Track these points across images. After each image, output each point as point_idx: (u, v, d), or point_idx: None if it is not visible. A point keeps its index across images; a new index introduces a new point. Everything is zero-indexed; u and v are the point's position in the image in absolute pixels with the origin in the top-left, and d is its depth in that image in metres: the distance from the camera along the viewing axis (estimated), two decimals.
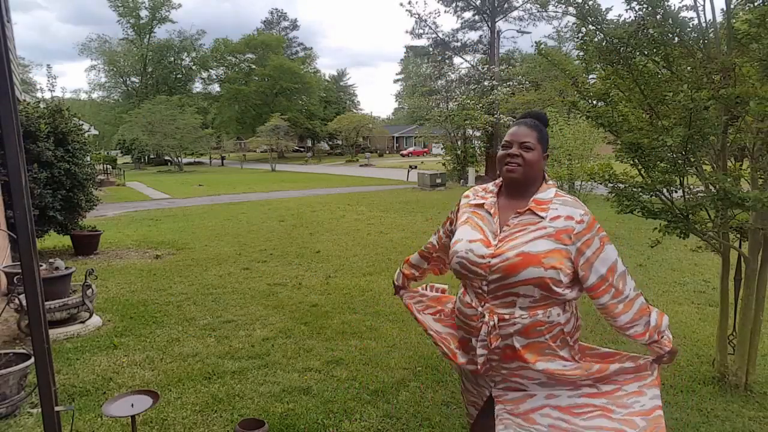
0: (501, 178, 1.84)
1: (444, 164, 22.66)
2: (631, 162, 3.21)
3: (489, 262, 1.67)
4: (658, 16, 2.90)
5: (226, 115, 53.45)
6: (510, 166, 1.74)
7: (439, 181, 18.67)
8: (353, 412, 2.97)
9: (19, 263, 1.99)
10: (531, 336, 1.67)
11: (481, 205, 1.84)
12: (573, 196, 1.80)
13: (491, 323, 1.68)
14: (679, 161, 2.96)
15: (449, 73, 24.27)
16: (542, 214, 1.69)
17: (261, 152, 51.30)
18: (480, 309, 1.72)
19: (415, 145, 57.66)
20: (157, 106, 37.90)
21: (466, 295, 1.80)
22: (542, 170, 1.78)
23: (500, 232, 1.72)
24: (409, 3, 23.81)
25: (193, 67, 56.05)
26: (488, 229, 1.76)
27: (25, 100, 8.90)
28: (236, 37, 61.15)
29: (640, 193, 3.16)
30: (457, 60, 26.82)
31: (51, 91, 40.00)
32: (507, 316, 1.67)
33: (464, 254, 1.73)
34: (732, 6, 2.89)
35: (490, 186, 1.90)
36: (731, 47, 2.86)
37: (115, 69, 51.17)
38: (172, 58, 53.78)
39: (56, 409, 1.80)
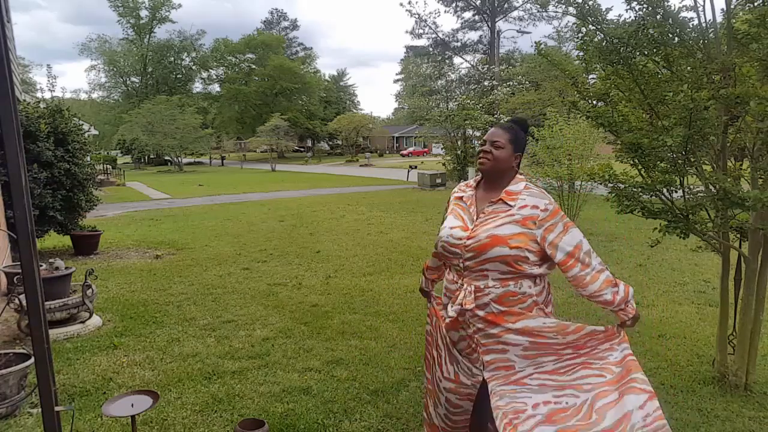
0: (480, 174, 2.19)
1: (444, 164, 22.66)
2: (631, 162, 3.21)
3: (465, 243, 2.02)
4: (658, 16, 2.90)
5: (226, 115, 53.45)
6: (481, 159, 2.11)
7: (439, 181, 18.68)
8: (353, 412, 2.97)
9: (19, 263, 1.99)
10: (505, 304, 1.98)
11: (461, 198, 2.19)
12: (541, 189, 2.12)
13: (468, 289, 2.01)
14: (679, 161, 2.96)
15: (449, 73, 24.31)
16: (511, 203, 2.02)
17: (261, 152, 51.32)
18: (460, 282, 2.06)
19: (415, 145, 57.63)
20: (157, 106, 37.90)
21: (449, 273, 2.15)
22: (513, 167, 2.11)
23: (476, 218, 2.06)
24: (409, 3, 23.91)
25: (193, 67, 56.04)
26: (467, 217, 2.10)
27: (25, 100, 8.89)
28: (236, 37, 61.25)
29: (640, 193, 3.16)
30: (457, 60, 26.89)
31: (51, 91, 39.90)
32: (482, 287, 2.00)
33: (446, 238, 2.09)
34: (732, 6, 2.89)
35: (471, 181, 2.23)
36: (731, 47, 2.86)
37: (115, 69, 51.14)
38: (172, 58, 53.76)
39: (56, 409, 1.80)
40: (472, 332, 2.04)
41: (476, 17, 28.00)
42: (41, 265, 3.41)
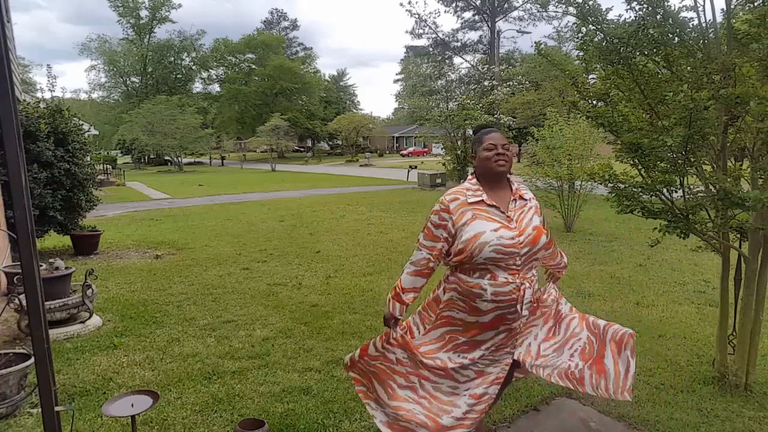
0: (475, 177, 2.25)
1: (444, 164, 22.63)
2: (631, 162, 3.20)
3: (518, 240, 2.09)
4: (658, 16, 2.90)
5: (226, 115, 53.45)
6: (501, 161, 2.18)
7: (439, 181, 18.68)
8: (353, 412, 2.97)
9: (19, 263, 1.99)
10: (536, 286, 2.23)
11: (480, 202, 2.16)
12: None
13: (527, 284, 2.12)
14: (679, 161, 2.96)
15: (449, 73, 24.31)
16: (525, 197, 2.24)
17: (261, 152, 51.32)
18: (517, 281, 2.11)
19: (415, 145, 57.64)
20: (157, 106, 37.89)
21: (497, 278, 2.10)
22: None
23: (509, 217, 2.14)
24: (409, 3, 23.93)
25: (193, 67, 56.03)
26: (498, 217, 2.13)
27: (25, 100, 8.90)
28: (236, 37, 61.28)
29: (640, 193, 3.16)
30: (457, 60, 26.91)
31: (51, 91, 39.90)
32: (532, 277, 2.17)
33: (496, 241, 2.07)
34: (732, 6, 2.89)
35: (470, 185, 2.22)
36: (731, 47, 2.86)
37: (115, 69, 51.14)
38: (172, 58, 53.74)
39: (56, 409, 1.80)
40: (523, 322, 2.19)
41: (476, 17, 28.00)
42: (41, 265, 3.41)
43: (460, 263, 2.13)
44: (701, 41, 2.96)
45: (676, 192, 3.11)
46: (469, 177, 2.28)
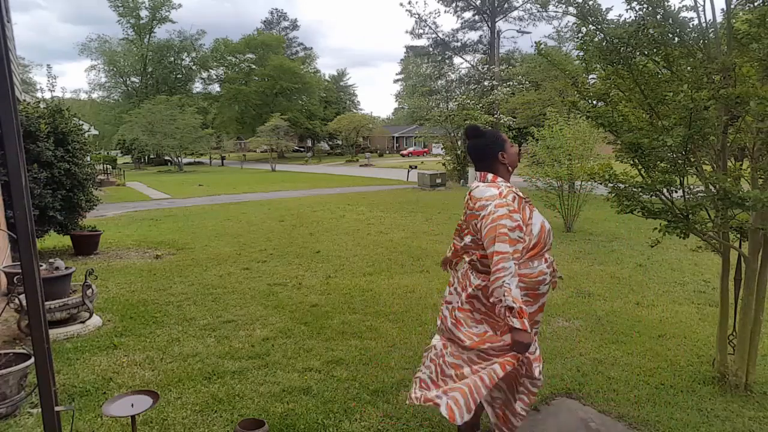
0: (498, 175, 2.36)
1: (444, 164, 22.66)
2: (631, 162, 3.21)
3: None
4: (658, 16, 2.90)
5: (226, 115, 53.44)
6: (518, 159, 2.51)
7: (439, 181, 18.67)
8: (353, 412, 2.97)
9: (19, 263, 1.99)
10: None
11: (519, 196, 2.33)
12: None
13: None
14: (679, 161, 2.96)
15: (449, 73, 24.32)
16: None
17: (261, 152, 51.33)
18: (549, 259, 2.37)
19: (415, 145, 57.67)
20: (157, 106, 37.87)
21: (547, 259, 2.33)
22: None
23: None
24: (409, 3, 23.90)
25: (193, 67, 56.00)
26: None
27: (25, 100, 8.90)
28: (236, 37, 61.28)
29: (640, 193, 3.16)
30: (457, 60, 26.88)
31: (51, 91, 39.95)
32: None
33: (549, 225, 2.37)
34: (732, 6, 2.89)
35: (503, 182, 2.35)
36: (731, 47, 2.86)
37: (115, 69, 51.12)
38: (172, 58, 53.71)
39: (56, 409, 1.80)
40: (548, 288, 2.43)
41: (476, 17, 27.95)
42: (41, 265, 3.41)
43: (530, 258, 2.26)
44: (701, 41, 2.96)
45: (676, 192, 3.11)
46: (491, 177, 2.33)
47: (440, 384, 2.41)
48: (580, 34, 3.19)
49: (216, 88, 57.93)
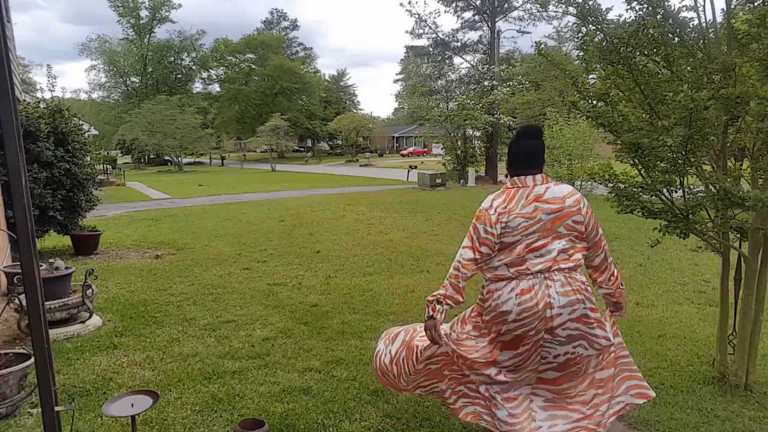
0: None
1: (444, 164, 22.65)
2: (631, 162, 3.21)
3: None
4: (658, 16, 2.90)
5: (226, 115, 53.44)
6: None
7: (439, 181, 18.66)
8: (353, 412, 2.97)
9: (19, 263, 1.99)
10: None
11: None
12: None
13: None
14: (679, 161, 2.96)
15: (449, 73, 24.29)
16: None
17: (261, 152, 51.32)
18: None
19: (415, 145, 57.65)
20: (157, 106, 37.86)
21: None
22: None
23: None
24: (409, 3, 23.81)
25: (193, 67, 55.99)
26: None
27: (25, 100, 8.90)
28: (236, 37, 61.26)
29: (640, 193, 3.16)
30: (457, 60, 26.81)
31: (51, 91, 39.86)
32: None
33: None
34: (732, 6, 2.89)
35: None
36: (731, 47, 2.86)
37: (115, 69, 51.11)
38: (172, 58, 53.70)
39: (56, 409, 1.80)
40: None
41: (476, 17, 27.90)
42: (41, 265, 3.41)
43: None
44: (701, 41, 2.96)
45: (676, 192, 3.12)
46: (541, 177, 2.28)
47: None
48: (580, 34, 3.19)
49: (216, 88, 58.01)
